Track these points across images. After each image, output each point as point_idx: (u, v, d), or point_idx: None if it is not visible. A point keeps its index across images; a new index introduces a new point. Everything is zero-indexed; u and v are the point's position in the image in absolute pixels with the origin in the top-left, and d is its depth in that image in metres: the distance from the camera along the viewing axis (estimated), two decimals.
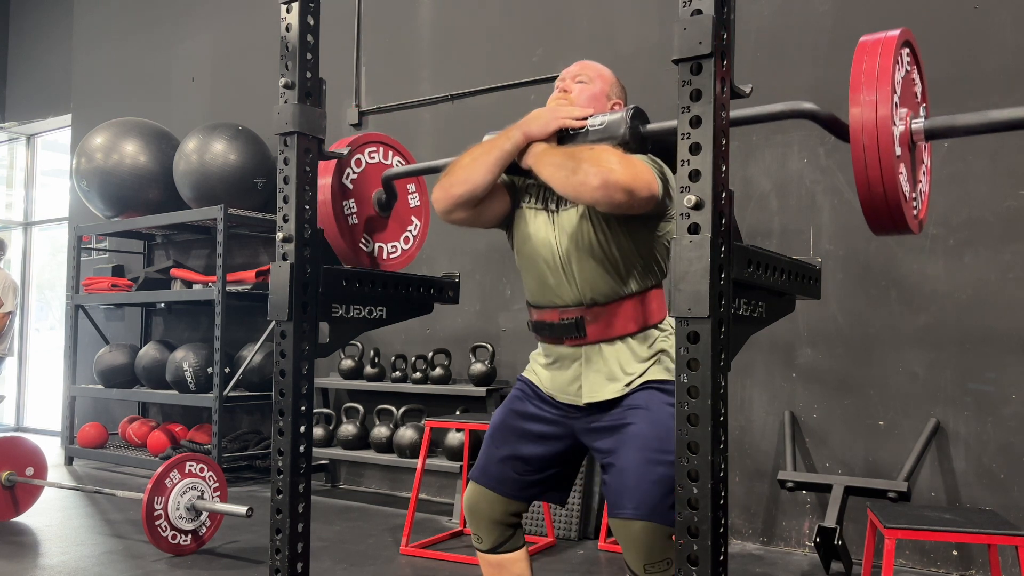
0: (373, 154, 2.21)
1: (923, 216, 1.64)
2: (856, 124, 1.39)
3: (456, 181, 1.81)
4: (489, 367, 4.20)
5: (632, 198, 1.61)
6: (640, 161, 1.66)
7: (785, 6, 3.65)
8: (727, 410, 1.35)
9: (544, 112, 1.78)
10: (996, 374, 3.14)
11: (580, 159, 1.63)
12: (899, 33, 1.46)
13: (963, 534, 2.20)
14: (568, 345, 1.85)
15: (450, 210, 1.85)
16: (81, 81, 6.99)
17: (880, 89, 1.38)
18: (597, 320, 1.81)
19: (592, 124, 1.75)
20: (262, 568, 3.18)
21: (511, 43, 4.48)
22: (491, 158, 1.77)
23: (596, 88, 1.93)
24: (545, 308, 1.88)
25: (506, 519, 1.93)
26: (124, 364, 5.50)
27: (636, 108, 1.72)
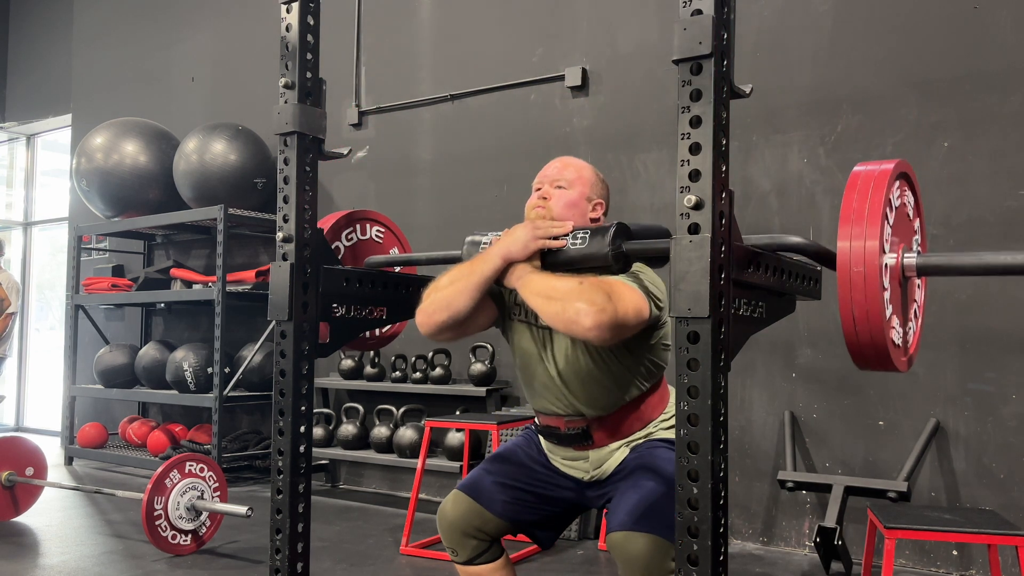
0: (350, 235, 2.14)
1: (913, 352, 1.60)
2: (843, 259, 1.36)
3: (438, 308, 1.77)
4: (489, 367, 4.20)
5: (625, 331, 1.61)
6: (628, 288, 1.64)
7: (785, 6, 3.65)
8: (727, 410, 1.35)
9: (522, 232, 1.72)
10: (996, 374, 3.14)
11: (568, 297, 1.57)
12: (893, 166, 1.44)
13: (963, 534, 2.20)
14: (576, 450, 1.90)
15: (434, 334, 1.82)
16: (81, 81, 6.99)
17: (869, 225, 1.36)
18: (603, 427, 1.85)
19: (573, 243, 1.69)
20: (262, 568, 3.18)
21: (511, 43, 4.48)
22: (471, 283, 1.74)
23: (575, 193, 1.87)
24: (549, 415, 1.91)
25: (479, 534, 1.91)
26: (124, 364, 5.50)
27: (618, 226, 1.65)
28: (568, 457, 1.93)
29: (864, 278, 1.34)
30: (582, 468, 1.91)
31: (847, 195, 1.40)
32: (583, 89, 4.17)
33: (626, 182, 3.97)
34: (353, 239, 2.17)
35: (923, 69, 3.33)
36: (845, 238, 1.37)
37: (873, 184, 1.40)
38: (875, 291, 1.34)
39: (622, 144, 4.02)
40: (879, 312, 1.35)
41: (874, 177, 1.41)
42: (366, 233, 2.22)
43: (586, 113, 4.17)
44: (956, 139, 3.24)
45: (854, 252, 1.35)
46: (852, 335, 1.38)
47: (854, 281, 1.35)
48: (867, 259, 1.34)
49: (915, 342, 1.63)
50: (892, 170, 1.43)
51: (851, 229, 1.37)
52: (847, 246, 1.36)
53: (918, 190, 1.61)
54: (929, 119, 3.30)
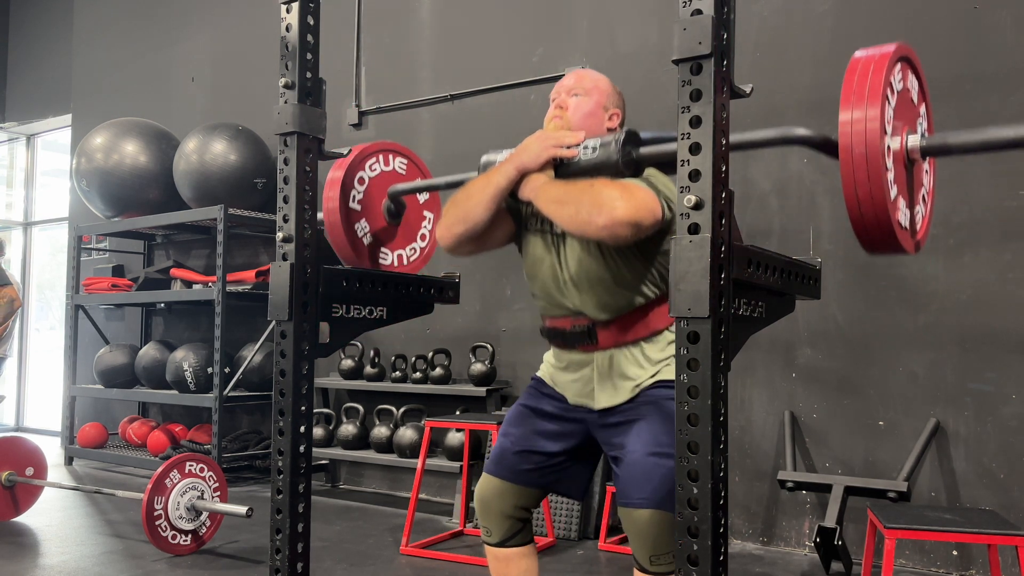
0: (374, 166, 2.20)
1: (922, 236, 1.59)
2: (845, 142, 1.35)
3: (456, 220, 1.83)
4: (489, 367, 4.20)
5: (638, 230, 1.62)
6: (640, 188, 1.65)
7: (785, 6, 3.65)
8: (727, 410, 1.35)
9: (535, 143, 1.77)
10: (996, 374, 3.14)
11: (581, 198, 1.62)
12: (894, 48, 1.42)
13: (963, 534, 2.20)
14: (580, 351, 1.88)
15: (454, 247, 1.87)
16: (81, 81, 6.99)
17: (870, 105, 1.34)
18: (608, 327, 1.83)
19: (584, 152, 1.73)
20: (262, 568, 3.18)
21: (511, 43, 4.48)
22: (487, 195, 1.79)
23: (592, 102, 1.91)
24: (556, 317, 1.90)
25: (516, 512, 1.94)
26: (124, 364, 5.50)
27: (628, 132, 1.69)
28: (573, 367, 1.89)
29: (866, 158, 1.33)
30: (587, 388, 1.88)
31: (847, 79, 1.39)
32: None
33: None
34: (377, 169, 2.21)
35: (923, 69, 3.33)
36: (846, 120, 1.35)
37: (873, 66, 1.38)
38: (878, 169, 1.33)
39: None
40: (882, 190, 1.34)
41: (874, 60, 1.39)
42: (390, 164, 2.26)
43: None
44: None
45: (855, 132, 1.34)
46: (857, 216, 1.37)
47: (856, 162, 1.33)
48: (868, 138, 1.33)
49: (924, 228, 1.60)
50: (893, 52, 1.41)
51: (852, 111, 1.35)
52: (848, 128, 1.35)
53: (922, 75, 1.59)
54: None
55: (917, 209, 1.55)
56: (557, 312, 1.89)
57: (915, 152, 1.45)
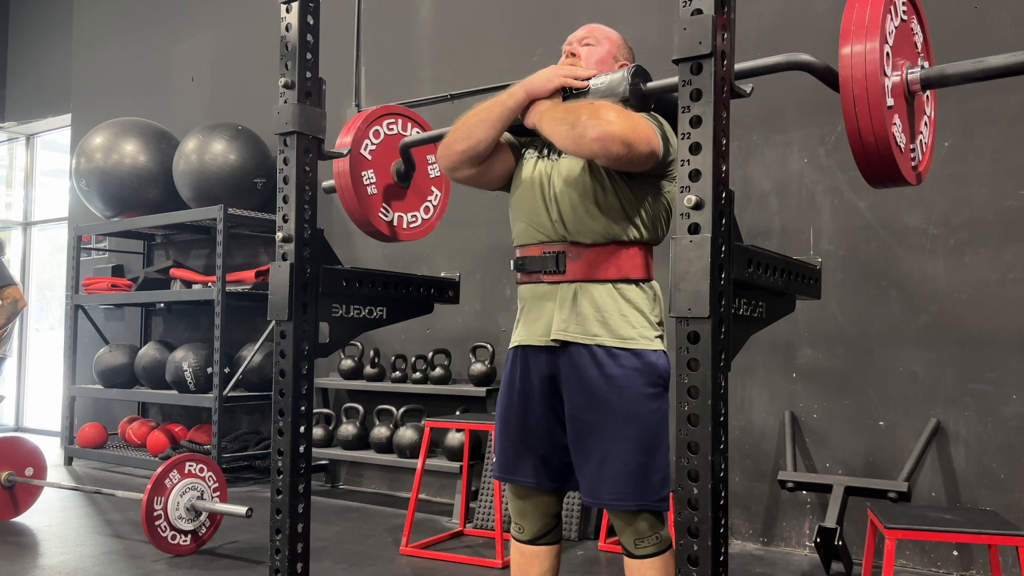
0: (392, 126, 2.24)
1: (923, 168, 1.59)
2: (845, 73, 1.36)
3: (459, 138, 1.84)
4: (489, 367, 4.20)
5: (631, 151, 1.62)
6: (641, 117, 1.68)
7: (785, 6, 3.65)
8: (727, 410, 1.35)
9: (546, 71, 1.80)
10: (996, 374, 3.13)
11: (580, 113, 1.65)
12: None
13: (963, 534, 2.20)
14: (546, 282, 1.83)
15: (454, 167, 1.87)
16: (81, 81, 6.99)
17: (869, 37, 1.35)
18: (578, 259, 1.79)
19: (594, 84, 1.77)
20: (262, 568, 3.18)
21: (511, 43, 4.48)
22: (493, 115, 1.81)
23: (603, 50, 1.93)
24: (529, 245, 1.87)
25: (553, 508, 1.94)
26: (124, 364, 5.50)
27: (638, 67, 1.73)
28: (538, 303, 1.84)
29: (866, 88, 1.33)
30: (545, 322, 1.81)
31: (847, 12, 1.39)
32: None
33: None
34: (395, 130, 2.27)
35: None
36: (846, 50, 1.36)
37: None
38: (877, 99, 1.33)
39: None
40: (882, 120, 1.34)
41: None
42: (407, 130, 2.31)
43: None
44: (956, 139, 3.24)
45: (855, 63, 1.35)
46: (859, 146, 1.37)
47: (856, 92, 1.34)
48: (868, 69, 1.34)
49: (926, 159, 1.61)
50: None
51: (851, 41, 1.36)
52: (848, 57, 1.36)
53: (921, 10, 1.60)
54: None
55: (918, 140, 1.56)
56: (531, 238, 1.85)
57: (915, 84, 1.47)
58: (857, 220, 3.42)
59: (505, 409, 1.93)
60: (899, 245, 3.33)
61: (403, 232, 2.29)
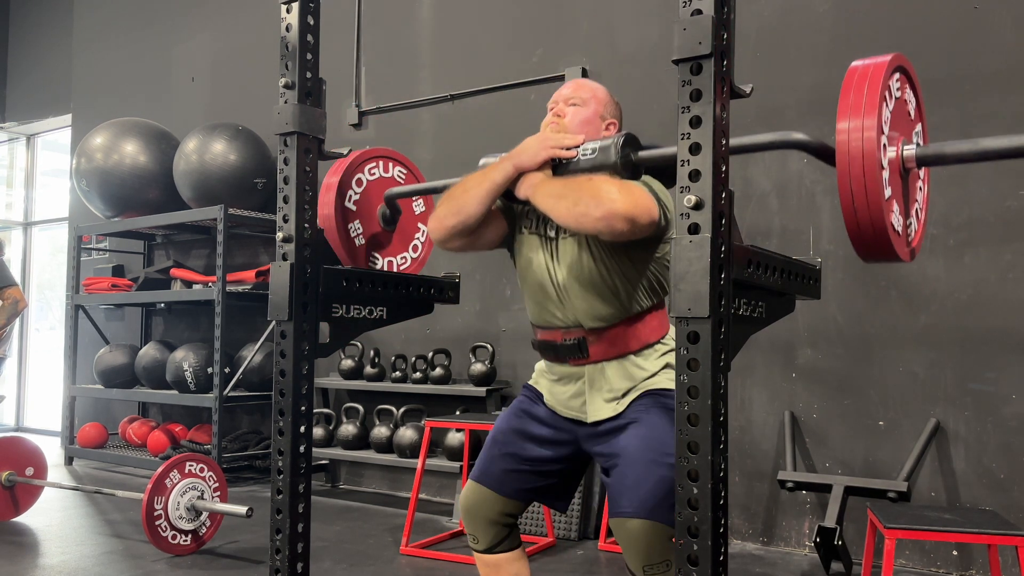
0: (373, 170, 2.20)
1: (916, 244, 1.60)
2: (842, 151, 1.36)
3: (449, 212, 1.82)
4: (489, 367, 4.20)
5: (634, 226, 1.62)
6: (638, 187, 1.66)
7: (785, 6, 3.65)
8: (727, 410, 1.35)
9: (534, 142, 1.77)
10: (996, 374, 3.14)
11: (580, 191, 1.62)
12: (890, 59, 1.43)
13: (963, 534, 2.20)
14: (572, 364, 1.87)
15: (445, 240, 1.86)
16: (81, 81, 6.99)
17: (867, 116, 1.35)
18: (600, 340, 1.83)
19: (583, 153, 1.74)
20: (262, 568, 3.18)
21: (511, 43, 4.48)
22: (482, 190, 1.78)
23: (589, 111, 1.91)
24: (547, 328, 1.90)
25: (502, 519, 1.93)
26: (124, 364, 5.50)
27: (627, 135, 1.70)
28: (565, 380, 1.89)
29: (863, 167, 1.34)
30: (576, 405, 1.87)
31: (844, 89, 1.40)
32: None
33: None
34: (376, 174, 2.22)
35: (923, 69, 3.30)
36: (843, 128, 1.36)
37: (870, 75, 1.39)
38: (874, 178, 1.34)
39: None
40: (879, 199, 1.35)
41: (871, 69, 1.40)
42: (389, 171, 2.27)
43: None
44: (956, 139, 3.24)
45: (852, 141, 1.35)
46: (853, 224, 1.37)
47: (853, 171, 1.34)
48: (865, 148, 1.34)
49: (918, 236, 1.61)
50: (889, 62, 1.42)
51: (849, 119, 1.36)
52: (845, 136, 1.36)
53: (918, 86, 1.61)
54: (929, 119, 3.27)
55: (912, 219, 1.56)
56: (548, 322, 1.89)
57: (911, 161, 1.46)
58: None
59: (504, 432, 1.96)
60: None
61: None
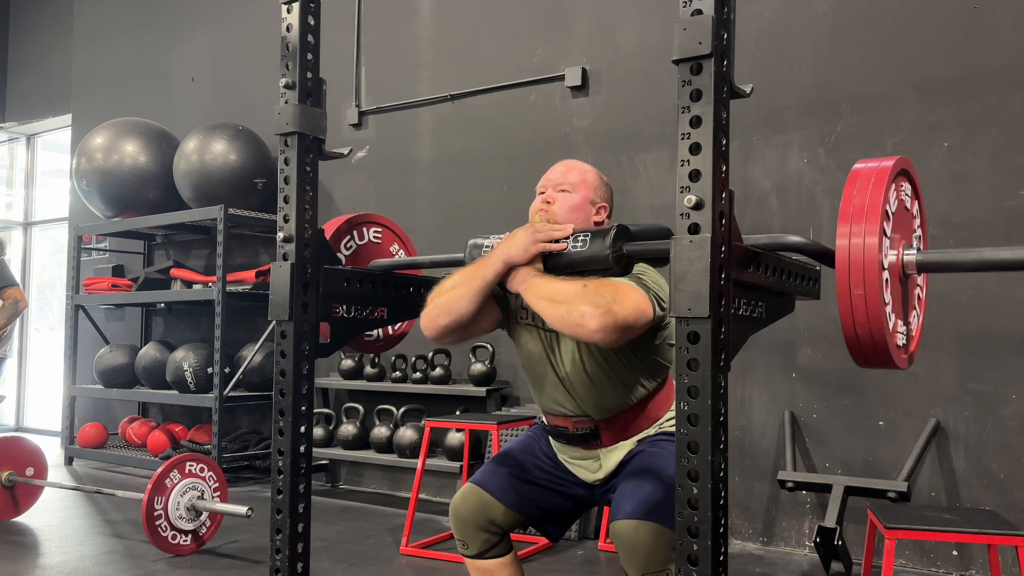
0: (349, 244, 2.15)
1: (914, 349, 1.58)
2: (842, 257, 1.35)
3: (440, 312, 1.79)
4: (489, 367, 4.20)
5: (630, 332, 1.61)
6: (631, 288, 1.64)
7: (785, 6, 3.65)
8: (727, 410, 1.35)
9: (523, 235, 1.73)
10: (996, 374, 3.14)
11: (572, 300, 1.58)
12: (894, 163, 1.42)
13: (963, 534, 2.20)
14: (585, 449, 1.91)
15: (438, 338, 1.84)
16: (81, 81, 6.99)
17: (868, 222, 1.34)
18: (610, 427, 1.87)
19: (573, 245, 1.70)
20: (262, 568, 3.18)
21: (511, 43, 4.48)
22: (472, 288, 1.76)
23: (578, 197, 1.88)
24: (557, 416, 1.92)
25: (491, 527, 1.91)
26: (124, 364, 5.50)
27: (618, 228, 1.65)
28: (577, 456, 1.94)
29: (863, 276, 1.33)
30: (591, 468, 1.92)
31: (846, 193, 1.39)
32: (583, 89, 4.17)
33: (626, 182, 3.97)
34: (352, 246, 2.18)
35: (923, 69, 3.33)
36: (844, 236, 1.36)
37: (873, 181, 1.38)
38: (875, 289, 1.33)
39: (622, 144, 4.02)
40: (879, 310, 1.34)
41: (874, 174, 1.40)
42: (364, 237, 2.22)
43: (586, 113, 4.17)
44: (956, 139, 3.24)
45: (853, 250, 1.34)
46: (852, 333, 1.37)
47: (853, 279, 1.34)
48: (866, 257, 1.33)
49: (916, 340, 1.62)
50: (892, 167, 1.42)
51: (850, 227, 1.36)
52: (846, 244, 1.35)
53: (919, 187, 1.61)
54: (929, 119, 3.30)
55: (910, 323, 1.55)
56: (557, 411, 1.92)
57: (911, 268, 1.46)
58: None
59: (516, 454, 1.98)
60: None
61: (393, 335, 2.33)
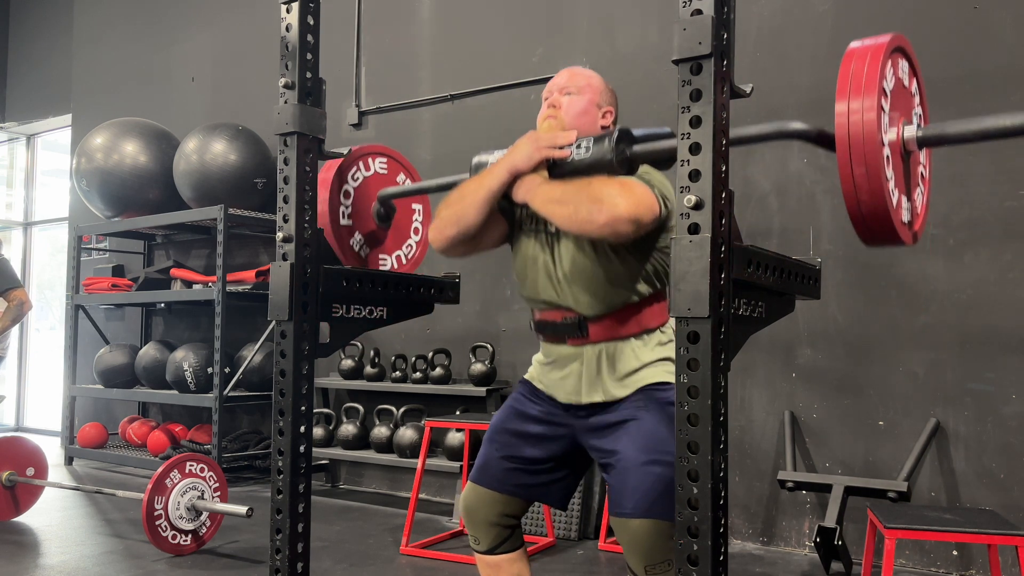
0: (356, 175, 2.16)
1: (919, 227, 1.58)
2: (841, 133, 1.35)
3: (448, 223, 1.82)
4: (489, 367, 4.20)
5: (639, 227, 1.61)
6: (637, 184, 1.65)
7: (785, 6, 3.65)
8: (727, 410, 1.35)
9: (526, 144, 1.75)
10: (996, 374, 3.14)
11: (580, 197, 1.61)
12: (889, 39, 1.42)
13: (963, 534, 2.20)
14: (570, 344, 1.86)
15: (446, 250, 1.86)
16: (81, 81, 6.99)
17: (866, 96, 1.34)
18: (599, 322, 1.82)
19: (577, 152, 1.72)
20: (262, 568, 3.18)
21: (511, 43, 4.48)
22: (479, 198, 1.78)
23: (584, 100, 1.90)
24: (546, 310, 1.89)
25: (503, 520, 1.92)
26: (124, 364, 5.50)
27: (621, 131, 1.68)
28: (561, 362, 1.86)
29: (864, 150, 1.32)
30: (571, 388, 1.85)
31: (843, 70, 1.38)
32: None
33: None
34: (359, 178, 2.19)
35: (923, 69, 3.31)
36: (843, 114, 1.35)
37: (869, 57, 1.38)
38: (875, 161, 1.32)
39: None
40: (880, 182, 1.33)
41: (869, 51, 1.39)
42: (370, 168, 2.23)
43: None
44: None
45: (852, 127, 1.33)
46: (855, 208, 1.36)
47: (854, 157, 1.33)
48: (866, 132, 1.32)
49: (921, 217, 1.60)
50: (888, 43, 1.41)
51: (848, 104, 1.35)
52: (845, 122, 1.34)
53: (916, 65, 1.59)
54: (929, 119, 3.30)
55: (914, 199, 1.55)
56: (548, 307, 1.88)
57: (911, 143, 1.45)
58: None
59: (499, 432, 1.95)
60: None
61: (404, 267, 2.30)
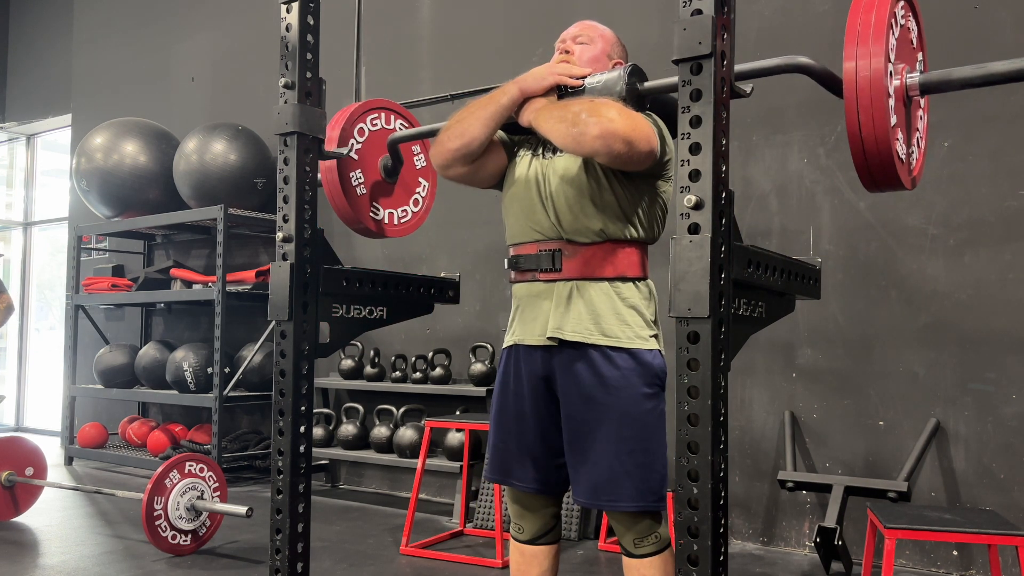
0: (375, 121, 2.24)
1: (917, 172, 1.62)
2: (849, 78, 1.38)
3: (452, 136, 1.83)
4: (489, 367, 4.20)
5: (631, 149, 1.62)
6: (640, 116, 1.68)
7: (785, 6, 3.65)
8: (727, 410, 1.35)
9: (541, 68, 1.79)
10: (996, 374, 3.13)
11: (579, 111, 1.63)
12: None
13: (963, 534, 2.20)
14: (542, 280, 1.82)
15: (447, 165, 1.86)
16: (81, 81, 6.99)
17: (874, 43, 1.37)
18: (575, 257, 1.78)
19: (590, 82, 1.76)
20: (262, 568, 3.18)
21: (511, 43, 4.48)
22: (487, 112, 1.79)
23: (597, 49, 1.93)
24: (524, 243, 1.86)
25: (549, 509, 1.95)
26: (124, 364, 5.50)
27: (633, 66, 1.73)
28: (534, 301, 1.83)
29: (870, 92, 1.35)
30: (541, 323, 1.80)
31: (851, 16, 1.41)
32: None
33: None
34: (378, 125, 2.26)
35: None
36: (851, 58, 1.38)
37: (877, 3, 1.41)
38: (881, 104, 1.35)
39: None
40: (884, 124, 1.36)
41: None
42: (391, 123, 2.31)
43: None
44: (956, 139, 3.24)
45: (860, 69, 1.36)
46: (859, 149, 1.39)
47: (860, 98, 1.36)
48: (873, 75, 1.35)
49: (919, 165, 1.63)
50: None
51: (856, 48, 1.38)
52: (853, 65, 1.37)
53: (920, 15, 1.61)
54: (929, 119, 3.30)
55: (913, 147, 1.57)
56: (526, 236, 1.84)
57: (914, 89, 1.48)
58: (857, 220, 3.42)
59: (499, 411, 1.93)
60: (899, 245, 3.33)
61: (393, 228, 2.30)
